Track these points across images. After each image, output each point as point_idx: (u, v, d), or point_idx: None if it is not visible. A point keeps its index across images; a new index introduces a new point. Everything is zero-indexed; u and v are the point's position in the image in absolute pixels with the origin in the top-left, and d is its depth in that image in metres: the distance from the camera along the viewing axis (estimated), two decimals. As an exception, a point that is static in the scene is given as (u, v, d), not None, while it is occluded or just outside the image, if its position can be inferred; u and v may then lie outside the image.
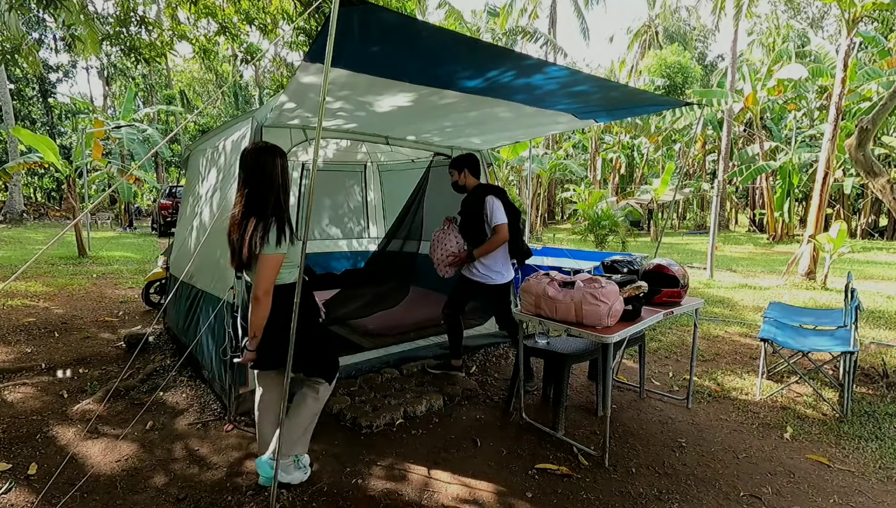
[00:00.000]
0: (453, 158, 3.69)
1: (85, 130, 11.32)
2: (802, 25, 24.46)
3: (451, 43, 2.23)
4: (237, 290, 3.01)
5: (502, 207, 3.39)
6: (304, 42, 7.80)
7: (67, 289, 6.99)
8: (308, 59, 2.19)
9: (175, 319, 4.35)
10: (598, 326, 2.51)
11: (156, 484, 2.40)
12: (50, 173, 25.99)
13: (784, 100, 19.02)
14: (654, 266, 3.12)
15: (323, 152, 5.22)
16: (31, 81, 25.71)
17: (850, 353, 3.20)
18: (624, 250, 11.97)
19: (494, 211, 3.35)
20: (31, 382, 3.64)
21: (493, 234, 3.36)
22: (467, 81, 2.55)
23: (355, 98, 2.80)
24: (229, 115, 26.18)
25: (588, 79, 2.68)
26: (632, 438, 2.93)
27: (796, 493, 2.41)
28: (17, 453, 2.66)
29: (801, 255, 8.64)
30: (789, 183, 17.24)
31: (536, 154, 18.17)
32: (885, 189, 4.87)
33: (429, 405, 3.22)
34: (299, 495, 2.32)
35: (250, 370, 3.03)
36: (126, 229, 20.00)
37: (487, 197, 3.40)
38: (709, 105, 16.97)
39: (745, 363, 4.27)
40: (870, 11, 8.58)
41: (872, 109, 7.17)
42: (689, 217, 30.66)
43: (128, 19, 7.02)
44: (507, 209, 3.42)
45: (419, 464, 2.61)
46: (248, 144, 3.10)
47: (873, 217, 23.05)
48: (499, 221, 3.34)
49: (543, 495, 2.37)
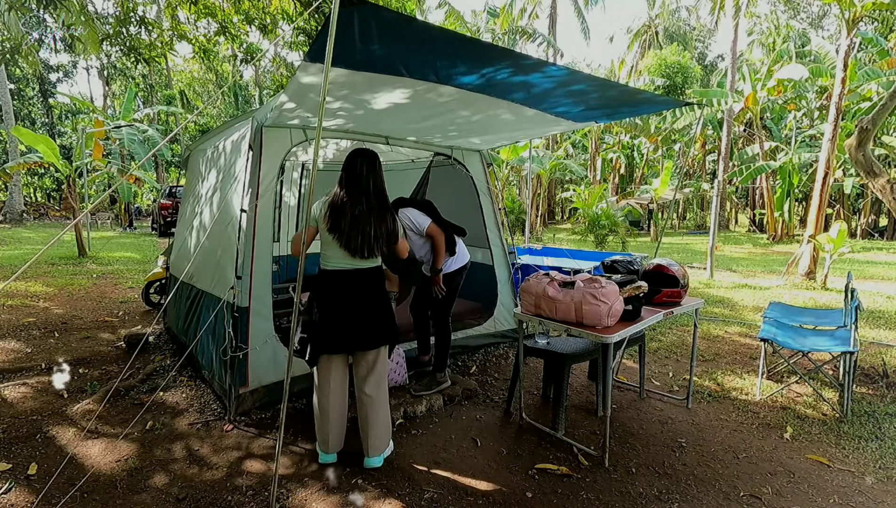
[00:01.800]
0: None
1: (85, 130, 11.32)
2: (802, 25, 24.49)
3: (450, 41, 2.23)
4: (237, 290, 3.01)
5: (415, 209, 3.24)
6: (304, 42, 7.81)
7: (67, 289, 6.99)
8: (308, 59, 2.19)
9: (175, 319, 4.36)
10: (598, 326, 2.51)
11: (156, 484, 2.40)
12: (50, 173, 26.01)
13: (784, 100, 19.03)
14: (654, 266, 3.12)
15: (323, 153, 5.21)
16: (31, 80, 25.73)
17: (850, 353, 3.20)
18: (624, 250, 11.96)
19: (413, 220, 3.19)
20: (31, 382, 3.64)
21: (430, 238, 3.23)
22: (464, 77, 2.55)
23: (354, 96, 2.80)
24: (229, 115, 26.19)
25: (586, 78, 2.69)
26: (632, 438, 2.93)
27: (796, 493, 2.41)
28: (17, 453, 2.66)
29: (801, 255, 8.64)
30: (789, 183, 17.24)
31: (536, 154, 18.17)
32: (885, 189, 4.87)
33: (429, 405, 3.22)
34: (300, 495, 2.33)
35: (250, 370, 3.04)
36: (126, 229, 20.00)
37: (399, 214, 3.12)
38: (709, 105, 16.98)
39: (745, 363, 4.27)
40: (870, 11, 8.59)
41: (872, 109, 7.17)
42: (689, 217, 30.67)
43: (128, 19, 7.03)
44: (414, 205, 3.27)
45: (419, 464, 2.60)
46: (248, 143, 3.11)
47: (873, 217, 23.06)
48: (423, 224, 3.19)
49: (543, 495, 2.37)
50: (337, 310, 2.41)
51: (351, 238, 2.34)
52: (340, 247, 2.37)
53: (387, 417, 2.58)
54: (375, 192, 2.41)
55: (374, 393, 2.51)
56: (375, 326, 2.46)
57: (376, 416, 2.52)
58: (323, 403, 2.51)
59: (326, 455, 2.57)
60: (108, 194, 3.02)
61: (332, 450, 2.57)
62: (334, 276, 2.42)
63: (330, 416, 2.51)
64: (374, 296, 2.47)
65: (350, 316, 2.41)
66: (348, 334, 2.42)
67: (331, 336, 2.41)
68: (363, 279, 2.44)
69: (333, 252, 2.41)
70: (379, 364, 2.53)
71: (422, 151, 4.66)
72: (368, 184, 2.40)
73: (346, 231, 2.33)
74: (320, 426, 2.54)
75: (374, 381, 2.52)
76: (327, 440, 2.54)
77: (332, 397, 2.51)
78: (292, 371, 2.16)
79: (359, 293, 2.43)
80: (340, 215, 2.35)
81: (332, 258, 2.42)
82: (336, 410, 2.53)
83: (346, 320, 2.41)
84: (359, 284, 2.43)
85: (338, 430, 2.56)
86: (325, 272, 2.44)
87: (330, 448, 2.55)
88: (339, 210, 2.35)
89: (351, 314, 2.41)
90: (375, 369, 2.52)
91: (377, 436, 2.52)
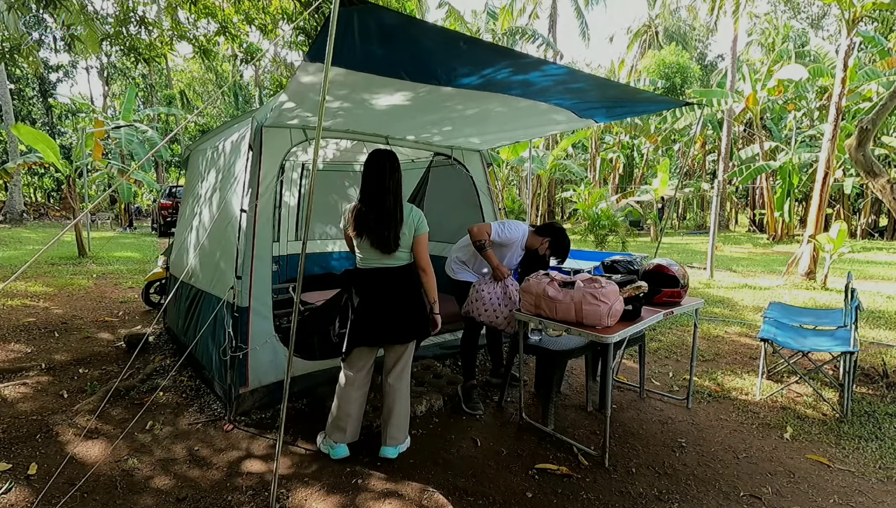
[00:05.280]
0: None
1: (85, 130, 11.32)
2: (802, 25, 24.48)
3: (450, 41, 2.23)
4: (237, 290, 3.01)
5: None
6: (304, 42, 7.80)
7: (67, 289, 6.99)
8: (308, 58, 2.19)
9: (175, 319, 4.35)
10: (598, 326, 2.51)
11: (156, 484, 2.40)
12: (50, 173, 26.01)
13: (784, 100, 19.02)
14: (654, 266, 3.12)
15: (323, 153, 5.21)
16: (31, 80, 25.73)
17: (850, 353, 3.20)
18: (624, 250, 11.96)
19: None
20: (31, 382, 3.64)
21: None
22: (464, 77, 2.55)
23: (354, 96, 2.80)
24: (229, 115, 26.17)
25: (587, 78, 2.68)
26: (632, 438, 2.93)
27: (796, 493, 2.41)
28: (17, 453, 2.66)
29: (801, 255, 8.64)
30: (789, 183, 17.24)
31: (536, 154, 18.17)
32: (885, 189, 4.87)
33: (429, 405, 3.22)
34: (300, 495, 2.33)
35: (250, 370, 3.04)
36: (126, 229, 20.01)
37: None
38: (708, 105, 16.97)
39: (745, 363, 4.27)
40: (870, 11, 8.58)
41: (872, 109, 7.17)
42: (689, 217, 30.66)
43: (127, 19, 7.03)
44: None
45: (419, 464, 2.60)
46: (248, 143, 3.11)
47: (873, 217, 23.04)
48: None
49: (543, 495, 2.37)
50: (373, 305, 2.53)
51: (380, 236, 2.46)
52: (372, 247, 2.49)
53: (406, 409, 2.68)
54: (395, 190, 2.52)
55: (396, 383, 2.64)
56: (408, 320, 2.58)
57: (398, 406, 2.62)
58: (348, 393, 2.61)
59: (339, 449, 2.62)
60: (108, 194, 3.02)
61: (349, 439, 2.65)
62: (369, 274, 2.56)
63: (352, 406, 2.62)
64: (406, 292, 2.59)
65: (385, 311, 2.53)
66: (383, 327, 2.53)
67: (367, 329, 2.53)
68: (396, 277, 2.56)
69: (367, 253, 2.54)
70: (405, 357, 2.66)
71: (422, 151, 4.66)
72: (391, 183, 2.51)
73: (374, 229, 2.45)
74: (339, 417, 2.62)
75: (398, 372, 2.64)
76: (345, 429, 2.63)
77: (359, 387, 2.63)
78: (292, 371, 2.16)
79: (392, 290, 2.56)
80: (366, 217, 2.46)
81: (366, 258, 2.56)
82: (358, 401, 2.64)
83: (382, 314, 2.53)
84: (392, 281, 2.56)
85: (356, 421, 2.66)
86: (360, 271, 2.59)
87: (347, 437, 2.64)
88: (364, 213, 2.47)
89: (385, 309, 2.54)
90: (402, 360, 2.65)
91: (396, 426, 2.63)
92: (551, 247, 3.33)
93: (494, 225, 3.24)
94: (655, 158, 25.42)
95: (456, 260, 3.47)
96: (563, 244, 3.32)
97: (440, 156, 4.42)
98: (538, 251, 3.35)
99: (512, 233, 3.26)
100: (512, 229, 3.26)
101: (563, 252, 3.35)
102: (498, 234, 3.21)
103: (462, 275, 3.43)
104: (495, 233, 3.20)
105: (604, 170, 25.74)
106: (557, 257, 3.38)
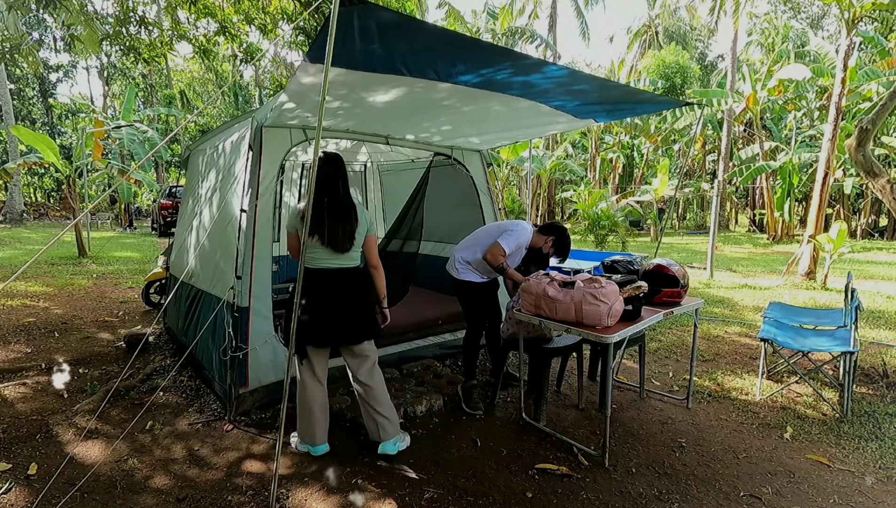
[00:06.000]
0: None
1: (85, 130, 11.32)
2: (802, 25, 24.47)
3: (450, 41, 2.23)
4: (237, 290, 3.01)
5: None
6: (303, 42, 7.80)
7: (67, 289, 6.99)
8: (308, 59, 2.19)
9: (175, 319, 4.35)
10: (598, 326, 2.51)
11: (156, 484, 2.40)
12: (50, 173, 26.03)
13: (784, 100, 19.02)
14: (654, 266, 3.12)
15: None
16: (31, 80, 25.74)
17: (850, 353, 3.20)
18: (624, 250, 11.96)
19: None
20: (31, 382, 3.64)
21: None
22: (464, 76, 2.55)
23: (353, 95, 2.80)
24: (229, 115, 26.16)
25: (587, 79, 2.68)
26: (632, 438, 2.93)
27: (796, 493, 2.41)
28: (17, 453, 2.66)
29: (801, 255, 8.64)
30: (789, 183, 17.23)
31: (536, 154, 18.18)
32: (885, 189, 4.87)
33: (429, 405, 3.22)
34: (300, 495, 2.33)
35: (250, 370, 3.04)
36: (126, 229, 20.01)
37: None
38: (708, 105, 16.97)
39: (745, 363, 4.27)
40: (869, 11, 8.59)
41: (872, 109, 7.17)
42: (689, 217, 30.65)
43: (127, 19, 7.03)
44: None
45: (419, 464, 2.60)
46: (247, 143, 3.12)
47: (873, 217, 23.05)
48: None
49: (543, 495, 2.37)
50: (321, 305, 2.51)
51: (334, 234, 2.47)
52: (324, 246, 2.48)
53: (388, 402, 2.67)
54: (346, 191, 2.56)
55: (368, 381, 2.62)
56: (357, 321, 2.58)
57: (378, 402, 2.61)
58: (304, 395, 2.61)
59: (317, 448, 2.64)
60: (107, 194, 3.03)
61: (319, 443, 2.64)
62: (319, 274, 2.54)
63: (313, 409, 2.60)
64: (355, 293, 2.59)
65: (334, 311, 2.53)
66: (332, 328, 2.53)
67: (315, 330, 2.51)
68: (346, 277, 2.57)
69: (317, 253, 2.52)
70: (368, 354, 2.64)
71: (422, 151, 4.66)
72: (341, 184, 2.54)
73: (326, 229, 2.46)
74: (305, 422, 2.63)
75: (367, 370, 2.64)
76: (313, 434, 2.62)
77: (313, 390, 2.61)
78: (292, 371, 2.16)
79: (341, 290, 2.56)
80: (321, 216, 2.45)
81: (317, 258, 2.53)
82: (318, 403, 2.62)
83: (330, 314, 2.52)
84: (341, 281, 2.56)
85: (321, 424, 2.64)
86: (309, 271, 2.55)
87: (317, 441, 2.63)
88: (318, 212, 2.46)
89: (334, 309, 2.53)
90: (366, 358, 2.64)
91: (386, 419, 2.62)
92: (555, 245, 3.36)
93: (503, 241, 3.20)
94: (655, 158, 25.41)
95: (460, 260, 3.47)
96: (566, 243, 3.38)
97: (440, 156, 4.42)
98: (542, 250, 3.39)
99: (520, 238, 3.28)
100: (519, 234, 3.27)
101: (566, 251, 3.40)
102: (509, 246, 3.21)
103: (466, 275, 3.43)
104: (507, 248, 3.20)
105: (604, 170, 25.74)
106: (560, 255, 3.41)
